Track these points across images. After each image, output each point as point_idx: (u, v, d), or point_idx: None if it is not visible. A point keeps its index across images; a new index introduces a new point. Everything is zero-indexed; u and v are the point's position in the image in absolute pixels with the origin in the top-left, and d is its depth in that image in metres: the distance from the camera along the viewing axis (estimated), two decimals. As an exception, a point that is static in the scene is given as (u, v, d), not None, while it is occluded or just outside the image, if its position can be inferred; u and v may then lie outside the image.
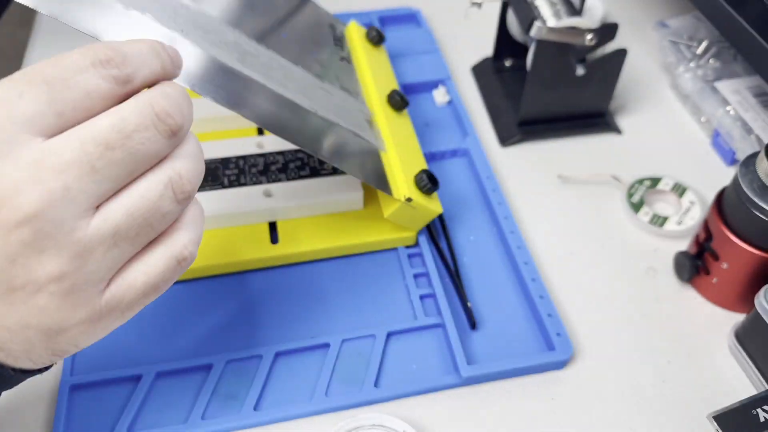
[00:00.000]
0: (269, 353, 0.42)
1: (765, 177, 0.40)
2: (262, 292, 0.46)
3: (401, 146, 0.48)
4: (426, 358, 0.42)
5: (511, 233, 0.48)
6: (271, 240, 0.47)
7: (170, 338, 0.43)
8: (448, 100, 0.59)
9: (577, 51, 0.52)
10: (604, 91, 0.56)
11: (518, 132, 0.56)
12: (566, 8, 0.52)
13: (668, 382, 0.42)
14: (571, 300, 0.46)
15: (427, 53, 0.63)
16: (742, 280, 0.44)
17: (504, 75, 0.62)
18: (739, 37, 0.49)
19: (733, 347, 0.43)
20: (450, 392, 0.41)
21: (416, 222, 0.47)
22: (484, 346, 0.43)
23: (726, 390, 0.42)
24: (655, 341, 0.44)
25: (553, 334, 0.42)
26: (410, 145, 0.49)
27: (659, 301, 0.46)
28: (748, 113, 0.54)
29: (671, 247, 0.49)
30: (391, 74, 0.55)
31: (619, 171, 0.54)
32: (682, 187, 0.52)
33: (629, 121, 0.59)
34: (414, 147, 0.49)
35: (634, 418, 0.40)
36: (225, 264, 0.45)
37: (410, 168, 0.46)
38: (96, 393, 0.40)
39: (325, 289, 0.46)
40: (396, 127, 0.50)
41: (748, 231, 0.42)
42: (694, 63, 0.60)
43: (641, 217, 0.50)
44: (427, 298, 0.45)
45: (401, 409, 0.40)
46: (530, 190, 0.53)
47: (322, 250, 0.47)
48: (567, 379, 0.42)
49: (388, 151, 0.47)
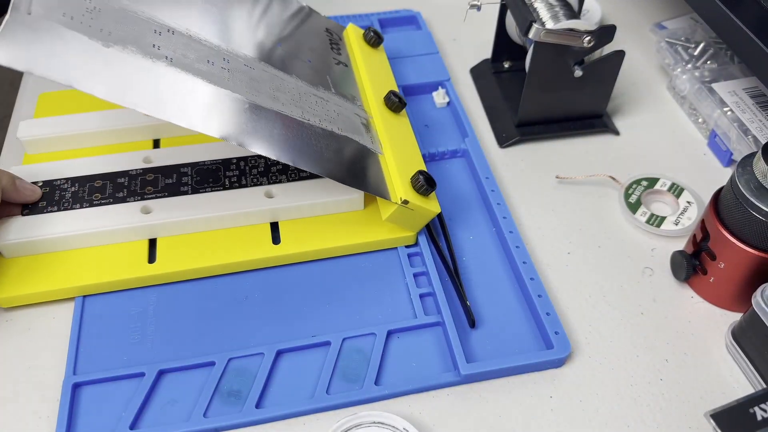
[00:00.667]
0: (271, 351, 0.42)
1: (762, 177, 0.40)
2: (263, 291, 0.46)
3: (398, 148, 0.49)
4: (426, 356, 0.43)
5: (509, 233, 0.49)
6: (272, 240, 0.47)
7: (173, 336, 0.43)
8: (447, 101, 0.60)
9: (575, 53, 0.52)
10: (601, 92, 0.56)
11: (516, 133, 0.57)
12: (564, 10, 0.52)
13: (666, 380, 0.42)
14: (569, 299, 0.47)
15: (426, 55, 0.63)
16: (739, 280, 0.44)
17: (502, 77, 0.62)
18: (735, 39, 0.49)
19: (729, 346, 0.44)
20: (449, 390, 0.42)
21: (415, 223, 0.47)
22: (483, 345, 0.43)
23: (723, 388, 0.42)
24: (652, 340, 0.44)
25: (552, 333, 0.43)
26: (408, 146, 0.50)
27: (656, 300, 0.47)
28: (744, 114, 0.54)
29: (668, 247, 0.49)
30: (390, 75, 0.56)
31: (616, 171, 0.54)
32: (679, 188, 0.53)
33: (627, 122, 0.59)
34: (412, 148, 0.50)
35: (631, 416, 0.41)
36: (227, 264, 0.46)
37: (407, 169, 0.47)
38: (99, 391, 0.41)
39: (326, 287, 0.46)
40: (393, 128, 0.50)
41: (744, 231, 0.42)
42: (691, 64, 0.60)
43: (638, 217, 0.51)
44: (427, 297, 0.46)
45: (401, 407, 0.41)
46: (529, 191, 0.54)
47: (323, 250, 0.47)
48: (565, 377, 0.42)
49: (385, 153, 0.48)
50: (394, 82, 0.55)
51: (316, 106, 0.47)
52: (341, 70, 0.53)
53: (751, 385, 0.42)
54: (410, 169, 0.47)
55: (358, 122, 0.49)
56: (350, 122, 0.48)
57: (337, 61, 0.53)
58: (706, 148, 0.57)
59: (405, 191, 0.45)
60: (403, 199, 0.45)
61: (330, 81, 0.51)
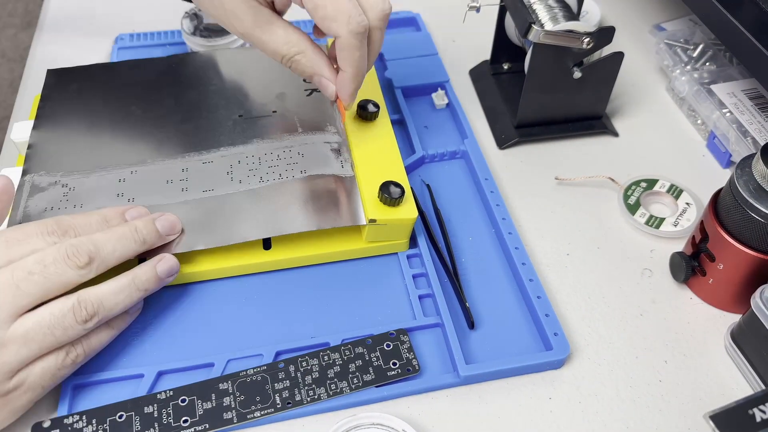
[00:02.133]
0: (270, 353, 0.42)
1: (761, 179, 0.40)
2: (262, 294, 0.46)
3: (371, 161, 0.48)
4: (425, 358, 0.43)
5: (508, 234, 0.49)
6: (263, 246, 0.47)
7: (172, 338, 0.43)
8: (446, 102, 0.60)
9: (574, 54, 0.52)
10: (600, 94, 0.56)
11: (516, 135, 0.57)
12: (563, 12, 0.52)
13: (665, 381, 0.42)
14: (568, 300, 0.47)
15: (426, 57, 0.63)
16: (738, 281, 0.44)
17: (502, 78, 0.62)
18: (734, 40, 0.49)
19: (728, 347, 0.44)
20: (449, 391, 0.42)
21: (398, 233, 0.47)
22: (483, 346, 0.43)
23: (722, 390, 0.42)
24: (651, 341, 0.44)
25: (551, 334, 0.43)
26: (384, 154, 0.49)
27: (655, 301, 0.47)
28: (743, 116, 0.54)
29: (667, 248, 0.49)
30: (374, 79, 0.55)
31: (615, 173, 0.54)
32: (678, 189, 0.53)
33: (626, 124, 0.59)
34: (388, 155, 0.49)
35: (630, 417, 0.41)
36: (220, 269, 0.46)
37: (376, 183, 0.46)
38: (98, 392, 0.41)
39: (325, 289, 0.46)
40: (369, 139, 0.50)
41: (743, 232, 0.42)
42: (690, 66, 0.60)
43: (637, 218, 0.51)
44: (426, 299, 0.46)
45: (400, 408, 0.41)
46: (528, 192, 0.54)
47: (313, 256, 0.47)
48: (564, 379, 0.42)
49: (357, 171, 0.48)
50: (378, 87, 0.54)
51: (277, 161, 0.48)
52: (314, 98, 0.53)
53: (750, 387, 0.42)
54: (380, 181, 0.46)
55: (327, 150, 0.49)
56: (317, 155, 0.48)
57: (309, 92, 0.54)
58: (705, 150, 0.57)
59: (374, 207, 0.45)
60: (370, 219, 0.44)
61: (298, 121, 0.51)
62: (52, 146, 0.48)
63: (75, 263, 0.38)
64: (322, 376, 0.41)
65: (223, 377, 0.41)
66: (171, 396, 0.40)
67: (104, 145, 0.49)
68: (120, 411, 0.39)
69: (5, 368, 0.36)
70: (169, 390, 0.40)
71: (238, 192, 0.46)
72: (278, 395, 0.40)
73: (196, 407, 0.39)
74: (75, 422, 0.38)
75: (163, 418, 0.39)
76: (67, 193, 0.46)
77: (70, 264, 0.38)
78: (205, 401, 0.39)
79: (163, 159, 0.48)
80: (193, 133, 0.50)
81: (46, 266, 0.37)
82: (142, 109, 0.51)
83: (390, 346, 0.42)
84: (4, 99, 1.55)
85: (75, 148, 0.49)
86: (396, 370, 0.41)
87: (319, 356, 0.42)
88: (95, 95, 0.53)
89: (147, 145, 0.49)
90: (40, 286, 0.37)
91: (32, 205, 0.45)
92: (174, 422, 0.38)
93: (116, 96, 0.53)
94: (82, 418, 0.39)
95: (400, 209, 0.45)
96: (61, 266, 0.38)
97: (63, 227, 0.40)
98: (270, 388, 0.40)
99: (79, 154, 0.48)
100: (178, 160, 0.48)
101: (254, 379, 0.40)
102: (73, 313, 0.38)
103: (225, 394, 0.40)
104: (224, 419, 0.39)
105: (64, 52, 0.64)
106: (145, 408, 0.39)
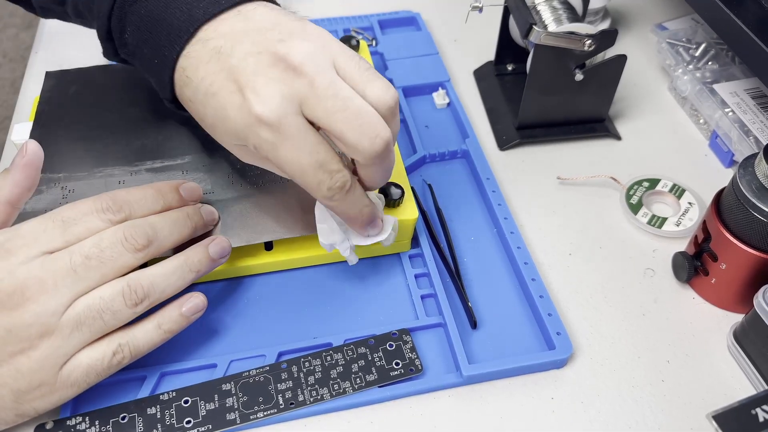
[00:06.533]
0: (272, 353, 0.42)
1: (764, 178, 0.40)
2: (264, 295, 0.46)
3: None
4: (427, 358, 0.43)
5: (510, 234, 0.49)
6: (265, 247, 0.47)
7: (174, 339, 0.43)
8: (447, 102, 0.60)
9: (576, 56, 0.52)
10: (603, 97, 0.56)
11: (517, 136, 0.57)
12: (568, 14, 0.52)
13: (667, 381, 0.42)
14: (570, 300, 0.47)
15: (426, 56, 0.63)
16: (741, 281, 0.44)
17: (505, 79, 0.62)
18: (737, 40, 0.49)
19: (731, 347, 0.44)
20: (451, 391, 0.42)
21: (399, 234, 0.46)
22: (485, 346, 0.43)
23: (725, 390, 0.42)
24: (654, 341, 0.44)
25: (553, 334, 0.43)
26: None
27: (658, 301, 0.47)
28: (746, 115, 0.54)
29: (670, 248, 0.49)
30: None
31: (617, 172, 0.54)
32: (680, 189, 0.53)
33: (627, 123, 0.59)
34: None
35: (633, 417, 0.41)
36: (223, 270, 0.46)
37: None
38: (101, 393, 0.41)
39: (328, 289, 0.46)
40: None
41: (746, 232, 0.42)
42: (692, 65, 0.60)
43: (640, 218, 0.51)
44: (428, 298, 0.46)
45: (403, 408, 0.41)
46: (530, 192, 0.54)
47: (315, 257, 0.47)
48: (566, 378, 0.42)
49: None
50: None
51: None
52: None
53: (752, 387, 0.42)
54: None
55: None
56: None
57: None
58: (708, 149, 0.57)
59: None
60: None
61: None
62: (51, 148, 0.48)
63: (133, 246, 0.37)
64: (325, 377, 0.41)
65: (225, 378, 0.41)
66: (174, 397, 0.40)
67: (103, 147, 0.49)
68: (123, 412, 0.39)
69: (60, 352, 0.35)
70: (172, 391, 0.40)
71: (238, 196, 0.46)
72: (281, 396, 0.40)
73: (199, 408, 0.39)
74: (78, 424, 0.38)
75: (166, 419, 0.39)
76: (66, 195, 0.46)
77: (128, 247, 0.37)
78: (208, 402, 0.39)
79: (162, 161, 0.48)
80: (194, 135, 0.50)
81: (102, 250, 0.36)
82: (141, 111, 0.52)
83: (393, 346, 0.42)
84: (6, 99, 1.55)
85: (74, 150, 0.49)
86: (399, 370, 0.41)
87: (322, 357, 0.42)
88: (94, 97, 0.53)
89: (146, 147, 0.49)
90: (97, 270, 0.36)
91: (30, 206, 0.45)
92: (177, 423, 0.38)
93: (115, 98, 0.53)
94: (85, 419, 0.39)
95: (401, 210, 0.46)
96: (118, 249, 0.37)
97: (118, 203, 0.39)
98: (273, 389, 0.40)
99: (78, 156, 0.48)
100: (177, 162, 0.48)
101: (257, 379, 0.40)
102: (123, 297, 0.37)
103: (228, 394, 0.40)
104: (227, 420, 0.39)
105: (66, 52, 0.64)
106: (148, 409, 0.39)
